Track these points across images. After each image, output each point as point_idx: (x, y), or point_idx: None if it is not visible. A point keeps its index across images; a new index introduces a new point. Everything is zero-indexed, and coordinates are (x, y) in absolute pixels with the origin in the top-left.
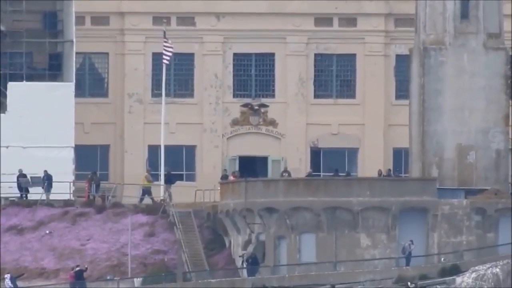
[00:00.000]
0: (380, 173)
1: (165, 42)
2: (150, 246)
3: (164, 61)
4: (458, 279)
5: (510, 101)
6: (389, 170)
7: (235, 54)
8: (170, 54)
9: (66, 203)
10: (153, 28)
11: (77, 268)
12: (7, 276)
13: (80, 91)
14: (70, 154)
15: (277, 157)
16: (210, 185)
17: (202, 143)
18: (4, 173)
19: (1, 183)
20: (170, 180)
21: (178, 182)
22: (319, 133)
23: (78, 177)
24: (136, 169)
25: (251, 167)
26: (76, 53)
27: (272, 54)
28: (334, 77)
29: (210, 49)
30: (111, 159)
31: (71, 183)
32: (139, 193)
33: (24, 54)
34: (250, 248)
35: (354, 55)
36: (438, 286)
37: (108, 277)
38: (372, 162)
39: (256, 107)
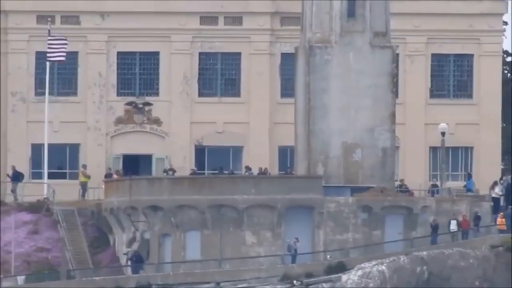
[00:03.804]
0: (263, 171)
1: (56, 40)
2: (34, 244)
3: (59, 58)
4: (344, 277)
5: (396, 99)
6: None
7: (119, 53)
8: (62, 51)
9: None
10: (37, 27)
11: None
12: None
13: None
14: None
15: (161, 155)
16: (94, 183)
17: (86, 142)
18: None
19: None
20: (17, 178)
21: (62, 180)
22: (203, 131)
23: None
24: (19, 167)
25: (135, 165)
26: None
27: (157, 53)
28: (219, 75)
29: (94, 47)
30: None
31: None
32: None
33: None
34: (135, 246)
35: (239, 53)
36: (324, 284)
37: None
38: (257, 160)
39: (140, 106)
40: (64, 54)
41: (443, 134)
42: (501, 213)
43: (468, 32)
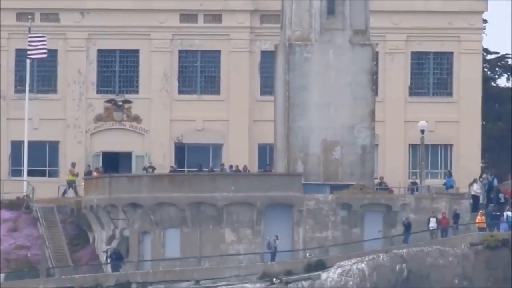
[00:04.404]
0: (243, 168)
1: (36, 37)
2: (14, 241)
3: (39, 55)
4: (324, 275)
5: (376, 97)
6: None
7: (99, 50)
8: (42, 48)
9: None
10: (17, 24)
11: None
12: None
13: None
14: None
15: (141, 153)
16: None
17: (65, 139)
18: None
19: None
20: None
21: (41, 178)
22: (183, 129)
23: None
24: None
25: (114, 163)
26: None
27: (137, 51)
28: (198, 73)
29: (74, 45)
30: None
31: None
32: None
33: None
34: (114, 244)
35: (219, 51)
36: (303, 282)
37: None
38: (237, 158)
39: (120, 103)
40: (45, 51)
41: (422, 131)
42: (481, 211)
43: (448, 30)
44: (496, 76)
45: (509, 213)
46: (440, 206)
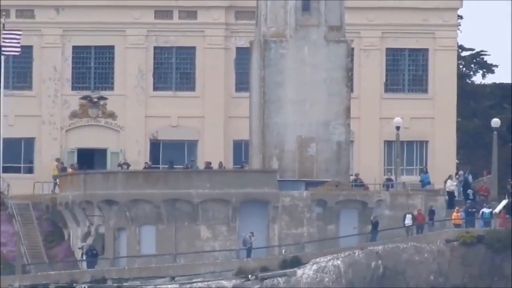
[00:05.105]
0: (220, 164)
1: (11, 33)
2: None
3: (12, 52)
4: (299, 271)
5: (351, 94)
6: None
7: (74, 47)
8: (17, 44)
9: None
10: None
11: None
12: None
13: None
14: None
15: (116, 149)
16: (49, 177)
17: (40, 136)
18: None
19: None
20: None
21: (16, 174)
22: (158, 125)
23: None
24: None
25: (89, 159)
26: None
27: (112, 47)
28: (173, 69)
29: (49, 41)
30: None
31: None
32: None
33: None
34: (90, 240)
35: (194, 47)
36: (279, 278)
37: None
38: (212, 154)
39: (95, 100)
40: (19, 47)
41: (398, 128)
42: (457, 208)
43: (423, 27)
44: (472, 73)
45: (485, 209)
46: (416, 203)
